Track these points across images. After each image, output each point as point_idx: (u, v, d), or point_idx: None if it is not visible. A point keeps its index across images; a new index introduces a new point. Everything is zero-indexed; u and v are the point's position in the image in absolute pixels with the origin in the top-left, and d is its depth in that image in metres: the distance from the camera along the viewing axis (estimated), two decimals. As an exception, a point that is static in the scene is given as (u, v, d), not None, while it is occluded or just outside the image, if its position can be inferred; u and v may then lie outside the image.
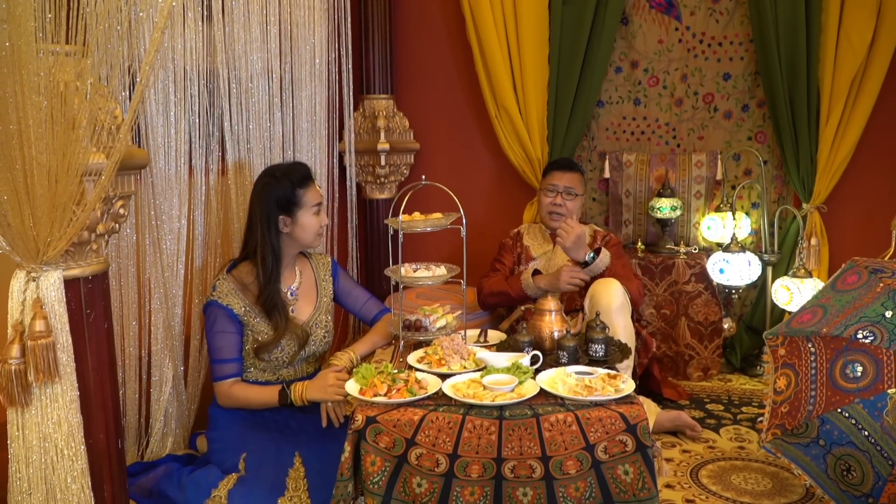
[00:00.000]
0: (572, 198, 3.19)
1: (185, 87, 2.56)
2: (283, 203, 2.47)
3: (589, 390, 2.03)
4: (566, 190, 3.19)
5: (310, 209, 2.50)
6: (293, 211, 2.48)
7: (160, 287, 2.53)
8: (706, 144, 3.86)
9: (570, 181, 3.20)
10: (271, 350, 2.48)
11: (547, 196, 3.23)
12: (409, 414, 1.98)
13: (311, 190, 2.51)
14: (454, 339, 2.37)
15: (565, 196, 3.19)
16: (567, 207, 3.19)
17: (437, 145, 4.10)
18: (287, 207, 2.47)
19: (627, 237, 3.90)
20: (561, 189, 3.19)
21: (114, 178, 1.87)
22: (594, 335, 2.35)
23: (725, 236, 3.66)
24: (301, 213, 2.48)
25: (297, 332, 2.53)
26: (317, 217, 2.52)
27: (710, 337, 3.55)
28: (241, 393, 2.45)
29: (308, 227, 2.50)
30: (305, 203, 2.49)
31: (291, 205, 2.47)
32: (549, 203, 3.21)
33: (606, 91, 3.93)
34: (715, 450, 2.84)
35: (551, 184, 3.21)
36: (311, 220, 2.50)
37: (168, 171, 2.51)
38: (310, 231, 2.51)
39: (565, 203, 3.19)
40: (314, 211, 2.51)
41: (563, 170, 3.23)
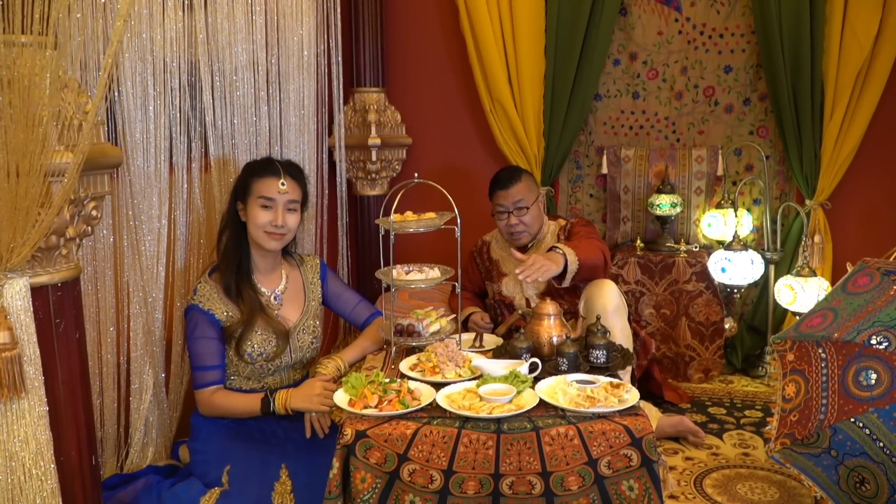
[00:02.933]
0: (525, 211, 2.93)
1: (165, 81, 2.43)
2: (240, 188, 2.40)
3: (591, 401, 1.92)
4: (516, 205, 2.94)
5: (256, 199, 2.35)
6: (246, 199, 2.38)
7: (139, 291, 2.41)
8: (707, 139, 3.75)
9: (516, 194, 2.92)
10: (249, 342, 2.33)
11: (500, 219, 3.00)
12: (401, 427, 1.87)
13: (266, 182, 2.36)
14: (448, 346, 2.26)
15: (517, 213, 2.93)
16: (524, 223, 2.95)
17: (430, 140, 3.98)
18: (242, 194, 2.39)
19: (626, 235, 3.80)
20: (510, 208, 2.93)
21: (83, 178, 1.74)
22: (595, 340, 2.24)
23: (727, 234, 3.56)
24: (250, 202, 2.37)
25: (275, 325, 2.39)
26: (262, 211, 2.34)
27: (711, 337, 3.45)
28: (222, 401, 2.34)
29: (253, 220, 2.35)
30: (254, 192, 2.36)
31: (244, 192, 2.39)
32: (505, 226, 2.99)
33: (604, 84, 3.83)
34: (719, 457, 2.74)
35: (499, 205, 2.97)
36: (255, 212, 2.35)
37: (147, 168, 2.39)
38: (254, 224, 2.35)
39: (521, 220, 2.95)
40: (261, 203, 2.35)
41: (505, 186, 2.93)
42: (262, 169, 2.39)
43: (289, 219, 2.39)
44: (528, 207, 2.94)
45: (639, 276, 3.48)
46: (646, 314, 3.49)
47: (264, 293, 2.46)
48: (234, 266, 2.39)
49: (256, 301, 2.40)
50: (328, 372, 2.39)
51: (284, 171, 2.40)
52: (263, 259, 2.46)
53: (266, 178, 2.36)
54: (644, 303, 3.49)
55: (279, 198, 2.35)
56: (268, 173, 2.37)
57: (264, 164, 2.41)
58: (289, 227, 2.39)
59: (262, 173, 2.37)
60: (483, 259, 3.21)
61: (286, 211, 2.37)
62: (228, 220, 2.43)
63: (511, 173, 3.00)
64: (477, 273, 3.25)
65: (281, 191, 2.36)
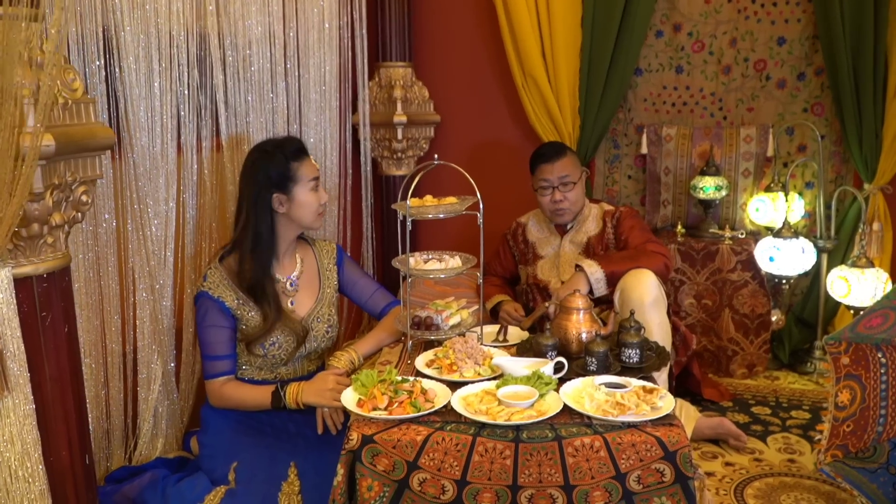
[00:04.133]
0: (571, 187, 2.81)
1: (172, 55, 2.30)
2: (277, 179, 2.23)
3: (620, 408, 1.75)
4: (561, 181, 2.80)
5: (307, 184, 2.25)
6: (288, 187, 2.24)
7: (145, 277, 2.30)
8: (756, 117, 3.50)
9: (563, 169, 2.81)
10: (262, 343, 2.24)
11: (543, 195, 2.86)
12: (411, 433, 1.72)
13: (306, 163, 2.27)
14: (468, 341, 2.10)
15: (562, 189, 2.82)
16: (569, 199, 2.82)
17: (458, 118, 3.80)
18: (282, 183, 2.23)
19: (666, 219, 3.58)
20: (556, 183, 2.81)
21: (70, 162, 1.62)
22: (628, 338, 2.06)
23: (776, 219, 3.32)
24: (297, 189, 2.24)
25: (295, 327, 2.29)
26: (314, 193, 2.28)
27: (756, 331, 3.23)
28: (232, 393, 2.23)
29: (306, 205, 2.26)
30: (301, 177, 2.24)
31: (286, 180, 2.23)
32: (549, 202, 2.85)
33: (645, 58, 3.58)
34: (762, 463, 2.54)
35: (543, 179, 2.84)
36: (308, 196, 2.25)
37: (153, 148, 2.26)
38: (308, 209, 2.27)
39: (566, 196, 2.82)
40: (311, 186, 2.26)
41: (551, 160, 2.82)
42: (297, 152, 2.27)
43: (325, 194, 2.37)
44: (575, 183, 2.82)
45: (679, 263, 3.27)
46: (686, 304, 3.28)
47: (280, 280, 2.33)
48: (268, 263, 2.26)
49: (278, 305, 2.27)
50: (341, 365, 2.26)
51: (305, 146, 2.32)
52: (285, 243, 2.33)
53: (305, 160, 2.28)
54: (684, 292, 3.28)
55: (319, 175, 2.33)
56: (303, 154, 2.29)
57: (297, 146, 2.28)
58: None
59: (299, 156, 2.27)
60: (517, 242, 3.05)
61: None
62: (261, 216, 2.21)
63: (557, 147, 2.91)
64: (510, 257, 3.09)
65: (317, 167, 2.34)
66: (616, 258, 2.58)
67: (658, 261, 2.59)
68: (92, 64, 2.04)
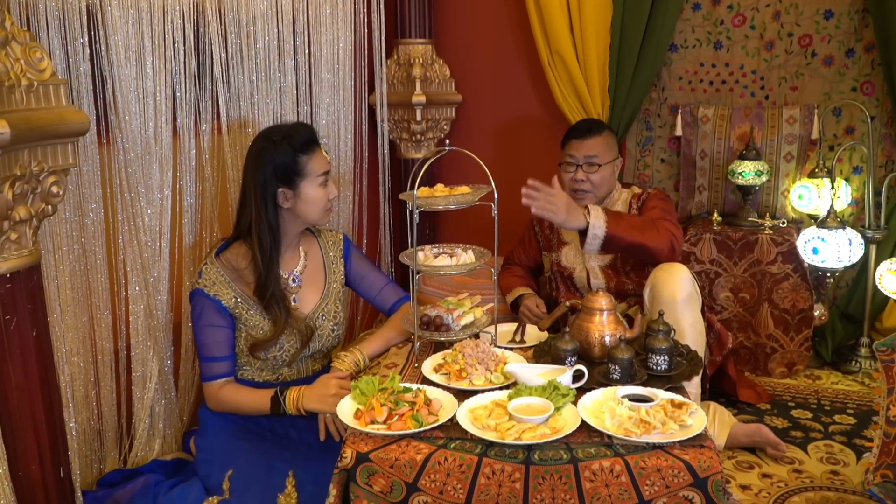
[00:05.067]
0: (595, 169, 2.61)
1: (166, 31, 2.14)
2: (283, 172, 2.05)
3: (645, 427, 1.56)
4: (587, 160, 2.60)
5: (315, 179, 2.08)
6: (295, 182, 2.07)
7: (138, 270, 2.16)
8: (801, 97, 3.25)
9: (592, 148, 2.61)
10: (268, 349, 2.11)
11: (566, 171, 2.66)
12: (411, 451, 1.56)
13: (316, 156, 2.09)
14: (479, 345, 1.93)
15: (587, 169, 2.62)
16: (591, 181, 2.62)
17: (481, 98, 3.61)
18: (287, 177, 2.06)
19: (701, 206, 3.35)
20: (580, 161, 2.61)
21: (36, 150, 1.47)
22: (656, 343, 1.87)
23: (820, 207, 3.08)
24: (305, 183, 2.07)
25: (300, 327, 2.14)
26: (324, 189, 2.11)
27: (797, 327, 3.00)
28: (230, 396, 2.09)
29: (314, 201, 2.09)
30: (310, 172, 2.07)
31: (293, 174, 2.06)
32: (570, 180, 2.64)
33: (681, 32, 3.35)
34: (802, 475, 2.34)
35: (569, 155, 2.65)
36: (316, 192, 2.09)
37: (145, 133, 2.11)
38: (316, 206, 2.10)
39: (588, 177, 2.61)
40: (321, 181, 2.09)
41: (582, 136, 2.63)
42: (307, 144, 2.08)
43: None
44: (601, 165, 2.61)
45: (715, 254, 3.05)
46: (721, 298, 3.06)
47: (282, 276, 2.18)
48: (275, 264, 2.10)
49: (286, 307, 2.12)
50: (345, 367, 2.11)
51: (317, 136, 2.14)
52: (288, 238, 2.18)
53: (315, 153, 2.10)
54: (720, 285, 3.06)
55: (330, 169, 2.15)
56: (314, 146, 2.10)
57: (307, 138, 2.09)
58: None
59: (309, 148, 2.08)
60: (543, 227, 2.86)
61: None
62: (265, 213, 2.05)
63: (592, 124, 2.72)
64: (534, 243, 2.91)
65: (328, 160, 2.16)
66: (624, 223, 2.35)
67: (664, 238, 2.38)
68: (75, 42, 1.89)
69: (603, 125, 2.75)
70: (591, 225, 2.29)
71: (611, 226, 2.30)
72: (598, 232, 2.30)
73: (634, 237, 2.33)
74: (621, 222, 2.34)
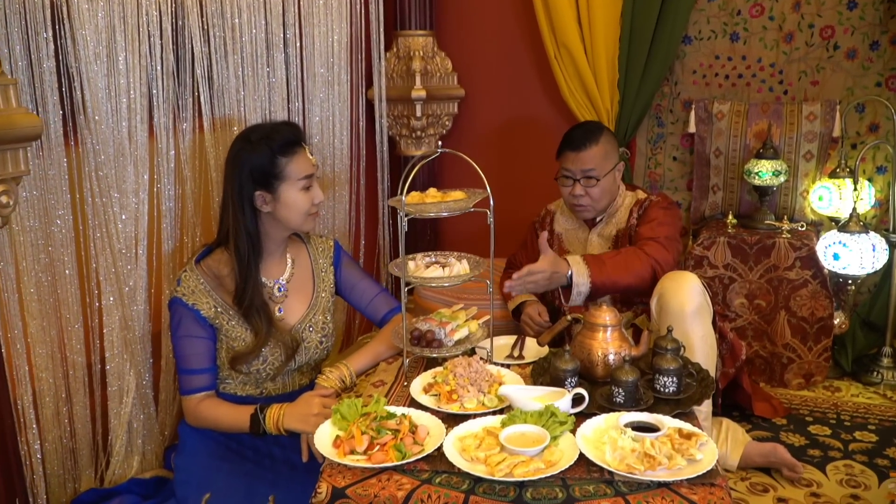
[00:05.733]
0: (595, 183, 2.44)
1: (140, 25, 2.00)
2: (260, 175, 1.93)
3: (649, 462, 1.42)
4: (584, 174, 2.44)
5: (295, 183, 1.95)
6: (273, 185, 1.94)
7: (112, 280, 2.03)
8: (822, 92, 3.08)
9: (588, 161, 2.43)
10: (250, 362, 1.98)
11: (564, 185, 2.51)
12: (392, 486, 1.43)
13: (298, 158, 1.95)
14: (472, 364, 1.79)
15: (585, 183, 2.45)
16: (590, 196, 2.46)
17: (485, 92, 3.46)
18: (265, 181, 1.93)
19: (715, 207, 3.19)
20: (578, 175, 2.45)
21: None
22: (663, 363, 1.73)
23: (842, 210, 2.91)
24: (284, 187, 1.94)
25: (285, 339, 2.01)
26: (306, 193, 1.97)
27: (815, 337, 2.84)
28: (209, 412, 1.97)
29: (294, 206, 1.96)
30: (289, 175, 1.94)
31: (270, 177, 1.93)
32: (569, 195, 2.50)
33: (695, 23, 3.19)
34: (820, 499, 2.19)
35: (565, 169, 2.49)
36: (297, 197, 1.95)
37: (118, 133, 1.98)
38: (296, 211, 1.97)
39: (587, 192, 2.45)
40: (302, 185, 1.96)
41: (576, 148, 2.45)
42: (287, 145, 1.94)
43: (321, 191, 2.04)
44: (599, 179, 2.45)
45: (729, 258, 2.89)
46: (735, 305, 2.91)
47: (266, 284, 2.06)
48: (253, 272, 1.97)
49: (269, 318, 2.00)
50: (330, 384, 1.97)
51: (301, 139, 2.00)
52: (272, 244, 2.06)
53: (296, 154, 1.96)
54: (734, 291, 2.90)
55: (315, 172, 2.01)
56: (295, 147, 1.97)
57: (287, 138, 1.95)
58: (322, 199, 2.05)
59: (289, 150, 1.95)
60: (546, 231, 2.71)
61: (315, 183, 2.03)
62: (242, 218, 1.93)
63: (587, 133, 2.49)
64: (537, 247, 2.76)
65: (313, 163, 2.01)
66: (608, 267, 2.23)
67: (646, 269, 2.27)
68: (38, 37, 1.75)
69: (599, 130, 2.52)
70: (574, 283, 2.19)
71: (594, 277, 2.20)
72: (583, 289, 2.21)
73: (618, 279, 2.23)
74: (604, 268, 2.22)
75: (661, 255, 2.29)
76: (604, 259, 2.25)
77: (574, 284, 2.19)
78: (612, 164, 2.49)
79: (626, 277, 2.24)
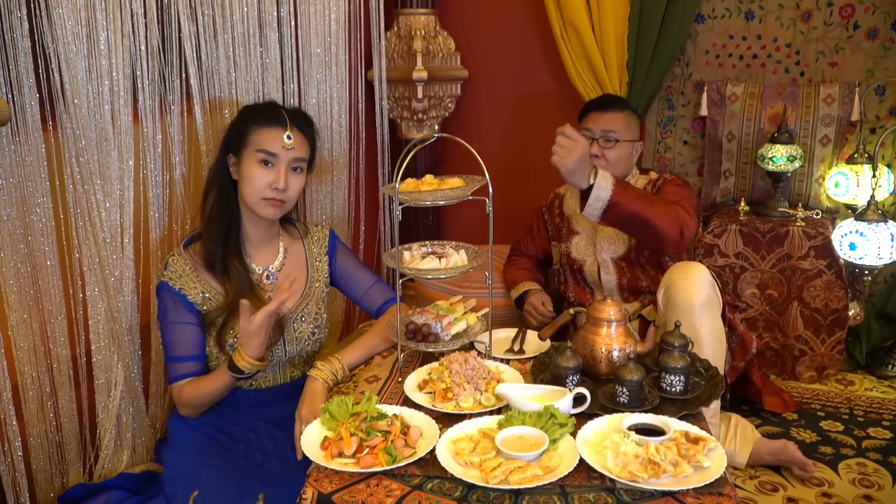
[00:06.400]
0: (612, 144, 2.40)
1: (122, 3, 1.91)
2: (235, 137, 1.92)
3: (654, 469, 1.34)
4: (604, 135, 2.40)
5: (254, 154, 1.88)
6: (239, 150, 1.91)
7: (96, 270, 1.95)
8: (840, 73, 2.96)
9: (610, 123, 2.41)
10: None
11: None
12: (380, 493, 1.35)
13: (267, 132, 1.89)
14: (469, 360, 1.71)
15: (602, 144, 2.40)
16: (607, 158, 2.40)
17: (489, 73, 3.36)
18: (236, 143, 1.92)
19: (727, 193, 3.09)
20: (597, 134, 2.41)
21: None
22: (670, 361, 1.64)
23: (859, 197, 2.81)
24: (245, 154, 1.90)
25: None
26: (263, 171, 1.89)
27: (829, 329, 2.74)
28: (193, 392, 1.91)
29: (248, 180, 1.90)
30: (251, 143, 1.89)
31: (239, 141, 1.91)
32: None
33: (709, 1, 3.08)
34: (832, 500, 2.10)
35: (585, 128, 2.45)
36: (252, 170, 1.89)
37: (100, 117, 1.89)
38: (250, 187, 1.90)
39: (604, 153, 2.40)
40: (258, 158, 1.88)
41: (601, 109, 2.46)
42: (263, 116, 1.91)
43: (292, 181, 1.93)
44: (618, 141, 2.41)
45: (740, 247, 2.79)
46: (746, 295, 2.81)
47: (255, 270, 1.99)
48: (221, 235, 1.95)
49: (246, 280, 1.95)
50: (322, 377, 1.89)
51: (291, 121, 1.92)
52: (256, 227, 1.99)
53: (268, 128, 1.90)
54: (745, 281, 2.80)
55: (283, 154, 1.90)
56: (271, 122, 1.90)
57: (267, 111, 1.93)
58: (291, 191, 1.94)
59: (264, 121, 1.90)
60: (553, 215, 2.64)
61: (289, 171, 1.92)
62: (216, 175, 1.97)
63: (614, 99, 2.57)
64: (544, 232, 2.68)
65: (286, 145, 1.90)
66: (632, 192, 2.10)
67: (674, 221, 2.13)
68: (11, 15, 1.66)
69: (626, 104, 2.55)
70: (596, 185, 2.03)
71: (617, 192, 2.05)
72: (603, 194, 2.04)
73: (641, 208, 2.07)
74: (629, 190, 2.09)
75: (688, 218, 2.19)
76: (631, 186, 2.15)
77: (595, 187, 2.03)
78: (633, 136, 2.47)
79: (646, 211, 2.08)
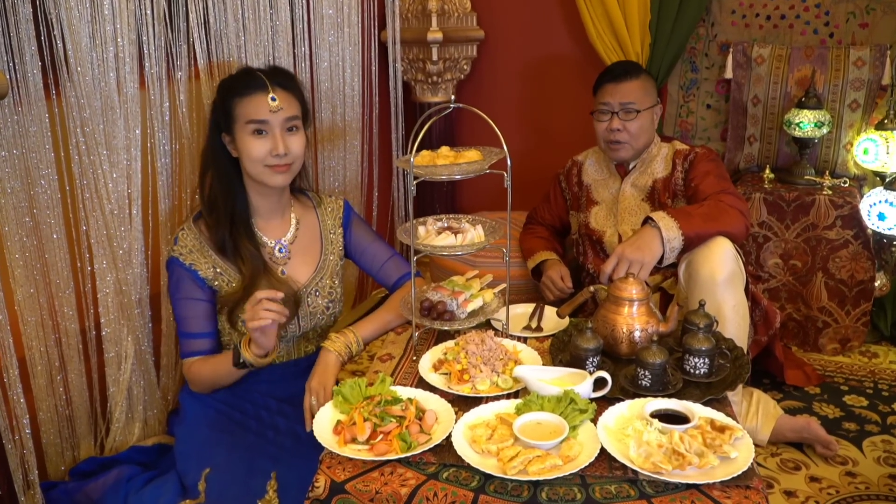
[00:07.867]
0: (633, 116, 2.30)
1: (126, -36, 1.83)
2: (223, 117, 1.84)
3: (678, 460, 1.29)
4: (623, 106, 2.30)
5: (244, 127, 1.80)
6: (231, 128, 1.83)
7: (104, 242, 1.91)
8: (872, 35, 2.84)
9: (628, 93, 2.30)
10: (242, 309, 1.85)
11: (600, 120, 2.36)
12: (395, 481, 1.32)
13: (250, 100, 1.80)
14: (486, 340, 1.66)
15: (623, 116, 2.30)
16: (629, 131, 2.31)
17: (506, 34, 3.25)
18: (225, 123, 1.84)
19: (751, 159, 2.99)
20: (616, 108, 2.31)
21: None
22: (694, 343, 1.59)
23: (889, 164, 2.71)
24: (237, 130, 1.82)
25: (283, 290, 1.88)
26: (258, 140, 1.81)
27: (854, 301, 2.67)
28: (203, 370, 1.88)
29: (246, 153, 1.82)
30: (238, 117, 1.81)
31: (228, 119, 1.83)
32: (605, 130, 2.34)
33: (736, -41, 2.93)
34: (856, 479, 2.06)
35: (602, 102, 2.34)
36: (248, 142, 1.81)
37: (105, 85, 1.83)
38: (250, 159, 1.82)
39: (625, 126, 2.31)
40: (251, 130, 1.80)
41: (617, 80, 2.34)
42: (242, 85, 1.82)
43: (291, 142, 1.85)
44: (639, 111, 2.31)
45: (765, 216, 2.71)
46: (770, 265, 2.74)
47: (266, 244, 1.94)
48: (226, 217, 1.88)
49: (259, 260, 1.89)
50: (336, 349, 1.85)
51: (271, 81, 1.83)
52: (266, 199, 1.93)
53: (251, 96, 1.81)
54: (769, 250, 2.73)
55: (272, 118, 1.81)
56: (251, 89, 1.81)
57: (243, 79, 1.84)
58: (294, 152, 1.86)
59: (244, 90, 1.81)
60: (571, 184, 2.56)
61: (285, 133, 1.84)
62: (211, 158, 1.89)
63: (628, 67, 2.41)
64: (561, 200, 2.61)
65: (272, 108, 1.81)
66: (696, 216, 2.02)
67: (738, 221, 2.07)
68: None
69: (640, 68, 2.42)
70: (666, 239, 1.95)
71: (683, 223, 1.98)
72: (676, 244, 1.97)
73: (710, 227, 2.01)
74: (692, 218, 2.01)
75: (743, 205, 2.12)
76: (688, 211, 2.06)
77: (665, 241, 1.96)
78: (652, 101, 2.36)
79: (717, 225, 2.01)
